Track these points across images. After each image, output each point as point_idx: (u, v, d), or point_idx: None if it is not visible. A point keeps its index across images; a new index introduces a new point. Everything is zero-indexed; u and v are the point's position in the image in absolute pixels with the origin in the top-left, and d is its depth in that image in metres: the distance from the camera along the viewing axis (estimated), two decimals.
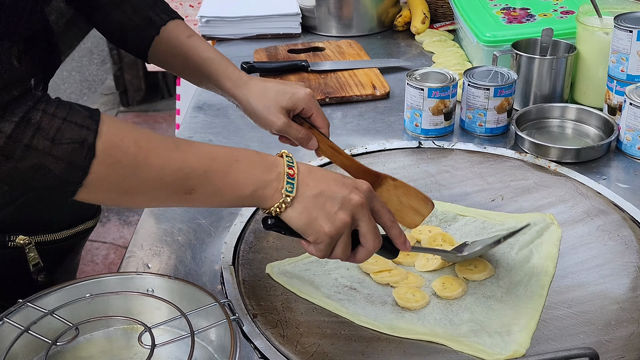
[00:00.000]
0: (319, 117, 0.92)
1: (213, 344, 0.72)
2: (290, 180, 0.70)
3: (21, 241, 0.85)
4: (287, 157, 0.73)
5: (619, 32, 1.13)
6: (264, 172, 0.70)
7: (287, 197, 0.70)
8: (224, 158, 0.69)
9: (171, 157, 0.66)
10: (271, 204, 0.70)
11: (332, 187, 0.72)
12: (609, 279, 0.86)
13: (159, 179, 0.66)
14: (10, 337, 0.66)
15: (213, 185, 0.68)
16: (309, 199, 0.71)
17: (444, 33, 1.64)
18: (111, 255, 2.61)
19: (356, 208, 0.71)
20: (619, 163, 1.10)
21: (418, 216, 0.86)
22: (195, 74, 0.95)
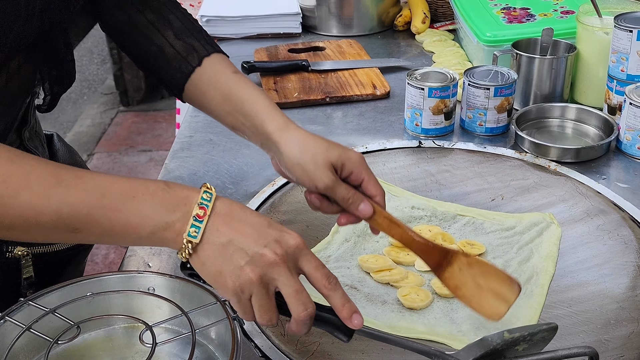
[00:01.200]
0: (372, 184, 0.77)
1: (214, 342, 0.72)
2: (196, 223, 0.61)
3: (19, 252, 0.82)
4: (206, 192, 0.63)
5: (619, 32, 1.13)
6: (165, 212, 0.61)
7: (189, 244, 0.61)
8: (117, 194, 0.61)
9: (49, 194, 0.60)
10: (175, 247, 0.63)
11: (246, 237, 0.62)
12: (609, 278, 0.86)
13: (32, 218, 0.60)
14: (11, 336, 0.66)
15: (100, 226, 0.61)
16: (216, 248, 0.62)
17: (444, 33, 1.64)
18: (111, 254, 2.62)
19: (267, 266, 0.61)
20: (618, 163, 1.11)
21: (502, 303, 0.71)
22: (234, 112, 0.83)
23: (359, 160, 0.78)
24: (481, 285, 0.72)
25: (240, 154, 1.17)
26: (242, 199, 1.03)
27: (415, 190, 1.05)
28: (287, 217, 0.99)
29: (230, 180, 1.09)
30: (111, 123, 3.56)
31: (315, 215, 1.00)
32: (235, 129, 0.86)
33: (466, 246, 0.92)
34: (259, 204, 1.01)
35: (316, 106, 1.33)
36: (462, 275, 0.72)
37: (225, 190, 1.06)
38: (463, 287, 0.73)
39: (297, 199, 1.03)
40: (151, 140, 3.36)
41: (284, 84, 1.39)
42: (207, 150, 1.19)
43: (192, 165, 1.14)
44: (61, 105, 3.74)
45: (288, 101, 1.32)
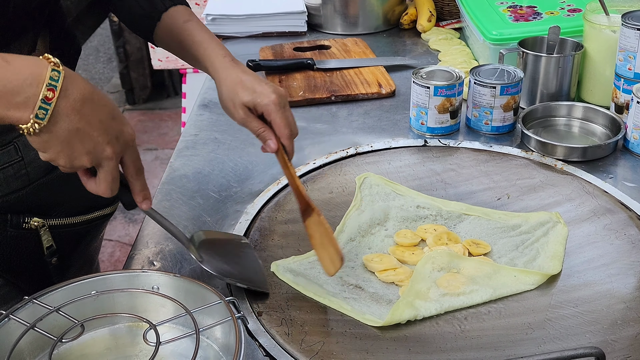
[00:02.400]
0: (278, 125, 0.88)
1: (218, 341, 0.72)
2: (44, 106, 0.61)
3: (35, 223, 0.85)
4: (53, 71, 0.61)
5: (626, 30, 1.13)
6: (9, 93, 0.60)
7: (36, 124, 0.61)
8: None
9: None
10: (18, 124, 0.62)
11: (92, 129, 0.64)
12: (616, 278, 0.86)
13: None
14: (16, 334, 0.66)
15: None
16: (61, 132, 0.63)
17: (450, 31, 1.64)
18: (117, 252, 2.62)
19: (103, 159, 0.67)
20: (625, 162, 1.10)
21: (332, 266, 0.84)
22: (190, 58, 0.97)
23: (269, 103, 0.88)
24: (324, 244, 0.85)
25: (245, 153, 1.16)
26: (247, 198, 1.03)
27: (421, 189, 1.05)
28: (291, 215, 0.99)
29: (235, 179, 1.09)
30: None
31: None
32: (199, 69, 0.99)
33: (472, 245, 0.92)
34: (264, 203, 1.01)
35: (321, 105, 1.33)
36: (313, 229, 0.86)
37: (230, 189, 1.06)
38: (312, 237, 0.86)
39: None
40: (157, 139, 3.37)
41: (289, 83, 1.39)
42: (212, 148, 1.19)
43: (197, 163, 1.14)
44: None
45: (293, 100, 1.32)
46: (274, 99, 0.87)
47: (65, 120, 0.63)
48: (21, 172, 0.84)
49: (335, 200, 1.03)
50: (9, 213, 0.84)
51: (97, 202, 0.97)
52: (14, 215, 0.84)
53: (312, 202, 0.87)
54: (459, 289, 0.85)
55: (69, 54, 0.91)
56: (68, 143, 0.64)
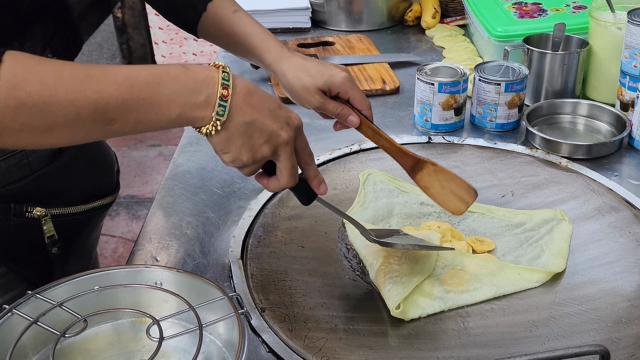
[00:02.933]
0: (357, 100, 0.91)
1: (221, 337, 0.71)
2: (222, 103, 0.68)
3: (38, 212, 0.86)
4: (223, 73, 0.69)
5: (632, 27, 1.12)
6: (191, 94, 0.67)
7: (217, 121, 0.68)
8: (144, 82, 0.65)
9: (83, 89, 0.62)
10: (201, 124, 0.68)
11: (265, 118, 0.70)
12: (620, 276, 0.85)
13: (73, 114, 0.62)
14: (19, 329, 0.66)
15: (135, 114, 0.65)
16: (240, 126, 0.69)
17: (454, 28, 1.63)
18: (120, 248, 2.62)
19: (281, 145, 0.72)
20: (631, 159, 1.09)
21: (462, 203, 0.85)
22: (240, 49, 0.96)
23: (343, 81, 0.89)
24: (445, 188, 0.86)
25: None
26: (250, 194, 1.03)
27: None
28: (295, 212, 0.98)
29: (239, 175, 1.09)
30: None
31: (324, 210, 0.99)
32: (247, 59, 0.99)
33: (475, 243, 0.91)
34: (267, 199, 1.01)
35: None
36: (430, 179, 0.87)
37: (234, 185, 1.06)
38: (432, 187, 0.87)
39: None
40: (160, 135, 3.36)
41: None
42: None
43: (201, 159, 1.14)
44: None
45: None
46: (346, 77, 0.90)
47: (240, 114, 0.69)
48: (23, 162, 0.84)
49: (339, 196, 1.03)
50: (12, 202, 0.84)
51: (98, 191, 0.97)
52: (17, 205, 0.85)
53: (418, 156, 0.88)
54: (463, 286, 0.84)
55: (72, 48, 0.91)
56: (247, 135, 0.70)
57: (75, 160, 0.91)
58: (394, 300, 0.80)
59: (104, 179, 1.00)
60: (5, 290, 0.87)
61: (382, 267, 0.86)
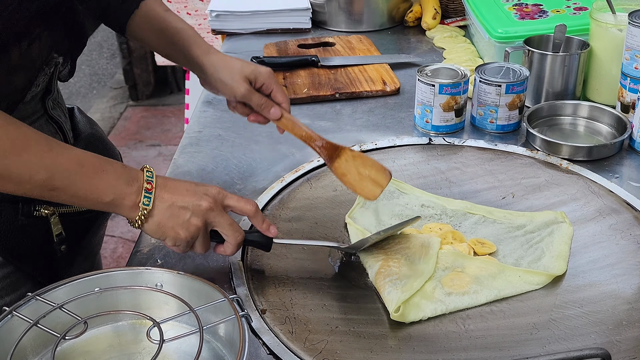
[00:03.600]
0: (279, 93, 0.97)
1: (222, 339, 0.71)
2: (147, 195, 0.77)
3: (46, 211, 0.88)
4: (148, 172, 0.78)
5: (633, 28, 1.12)
6: (125, 184, 0.76)
7: (145, 210, 0.77)
8: (92, 166, 0.75)
9: (43, 157, 0.72)
10: (131, 215, 0.77)
11: (183, 197, 0.79)
12: (621, 278, 0.85)
13: (26, 175, 0.71)
14: (19, 331, 0.66)
15: (75, 188, 0.74)
16: (164, 211, 0.78)
17: (455, 29, 1.63)
18: (119, 249, 2.62)
19: (206, 212, 0.79)
20: (631, 161, 1.09)
21: (377, 187, 0.88)
22: (168, 45, 1.00)
23: (268, 75, 0.96)
24: (362, 174, 0.88)
25: (249, 150, 1.16)
26: (250, 195, 1.03)
27: (425, 188, 1.04)
28: (295, 213, 0.98)
29: (239, 176, 1.09)
30: (120, 117, 3.56)
31: (324, 212, 0.99)
32: (170, 58, 1.04)
33: (477, 244, 0.91)
34: (268, 200, 1.01)
35: (325, 102, 1.33)
36: (347, 166, 0.89)
37: (234, 186, 1.06)
38: (348, 174, 0.89)
39: (305, 195, 1.02)
40: (160, 135, 3.36)
41: (293, 80, 1.39)
42: (215, 145, 1.18)
43: (201, 160, 1.14)
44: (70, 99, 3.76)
45: (297, 97, 1.32)
46: (270, 71, 0.97)
47: (161, 202, 0.78)
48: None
49: (340, 198, 1.03)
50: (20, 202, 0.85)
51: None
52: (25, 204, 0.86)
53: (336, 144, 0.91)
54: (464, 288, 0.84)
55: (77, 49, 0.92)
56: (173, 216, 0.78)
57: None
58: (393, 304, 0.80)
59: None
60: (13, 289, 0.88)
61: (382, 270, 0.86)
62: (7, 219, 0.85)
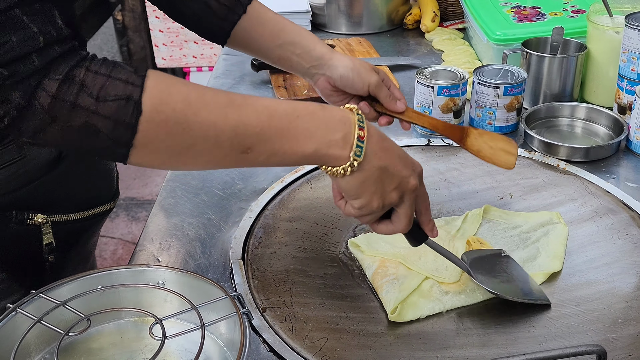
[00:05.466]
0: (396, 90, 0.96)
1: (223, 336, 0.72)
2: (359, 144, 0.67)
3: (39, 220, 0.86)
4: (358, 115, 0.68)
5: (630, 31, 1.13)
6: (328, 131, 0.66)
7: (355, 162, 0.67)
8: (284, 114, 0.65)
9: (225, 113, 0.63)
10: (335, 164, 0.68)
11: (397, 164, 0.70)
12: (618, 277, 0.86)
13: (212, 137, 0.63)
14: (23, 328, 0.66)
15: (271, 144, 0.65)
16: (374, 170, 0.68)
17: (453, 31, 1.64)
18: (119, 250, 2.63)
19: (408, 191, 0.72)
20: (628, 162, 1.10)
21: (510, 156, 0.91)
22: (284, 44, 0.95)
23: (384, 74, 0.95)
24: (493, 147, 0.91)
25: None
26: (251, 196, 1.04)
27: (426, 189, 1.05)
28: (295, 213, 0.99)
29: (240, 177, 1.09)
30: None
31: (323, 212, 1.00)
32: (282, 60, 0.96)
33: (475, 242, 0.92)
34: (268, 200, 1.02)
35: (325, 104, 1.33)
36: (478, 142, 0.92)
37: (234, 186, 1.07)
38: (482, 150, 0.92)
39: (305, 195, 1.03)
40: None
41: (293, 82, 1.40)
42: None
43: None
44: None
45: (297, 98, 1.33)
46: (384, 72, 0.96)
47: (375, 158, 0.68)
48: (20, 171, 0.84)
49: None
50: (13, 209, 0.84)
51: (98, 197, 0.97)
52: (18, 212, 0.85)
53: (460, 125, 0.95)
54: (461, 287, 0.85)
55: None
56: (380, 180, 0.69)
57: (75, 167, 0.91)
58: (391, 304, 0.81)
59: (104, 185, 1.00)
60: (5, 296, 0.87)
61: (379, 271, 0.87)
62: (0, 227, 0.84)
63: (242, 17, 0.94)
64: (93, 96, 0.59)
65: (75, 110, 0.59)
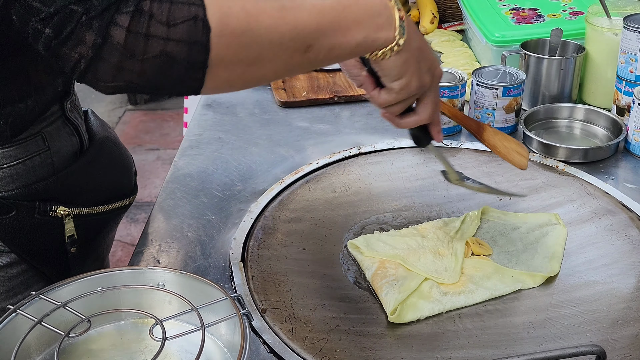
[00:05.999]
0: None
1: (223, 338, 0.72)
2: (402, 24, 0.71)
3: (61, 212, 0.87)
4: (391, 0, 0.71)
5: (628, 32, 1.13)
6: (373, 16, 0.70)
7: (401, 40, 0.71)
8: (330, 8, 0.68)
9: (282, 16, 0.65)
10: (383, 47, 0.71)
11: (426, 48, 0.76)
12: (616, 278, 0.86)
13: (277, 40, 0.65)
14: (23, 329, 0.66)
15: (327, 39, 0.68)
16: (415, 50, 0.73)
17: (452, 33, 1.64)
18: (118, 252, 2.63)
19: (436, 77, 0.77)
20: (627, 163, 1.11)
21: (523, 158, 0.96)
22: None
23: None
24: (507, 147, 0.97)
25: (249, 152, 1.17)
26: (250, 197, 1.04)
27: (423, 189, 1.06)
28: (295, 214, 0.99)
29: (239, 178, 1.10)
30: (119, 122, 3.57)
31: (323, 213, 1.00)
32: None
33: (475, 244, 0.92)
34: (268, 202, 1.02)
35: (324, 105, 1.34)
36: (493, 139, 0.98)
37: (234, 188, 1.07)
38: (497, 146, 0.97)
39: (305, 197, 1.03)
40: (159, 139, 3.37)
41: (292, 83, 1.40)
42: (215, 148, 1.19)
43: (201, 163, 1.15)
44: None
45: (296, 100, 1.33)
46: None
47: (414, 38, 0.73)
48: (47, 161, 0.86)
49: (338, 199, 1.04)
50: (37, 200, 0.86)
51: (117, 192, 0.98)
52: (42, 203, 0.86)
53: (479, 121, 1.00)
54: (460, 287, 0.85)
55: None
56: (418, 60, 0.74)
57: (97, 160, 0.93)
58: (391, 305, 0.81)
59: (123, 180, 1.01)
60: (25, 287, 0.89)
61: (378, 272, 0.87)
62: (24, 218, 0.85)
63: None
64: (163, 23, 0.59)
65: (150, 40, 0.59)
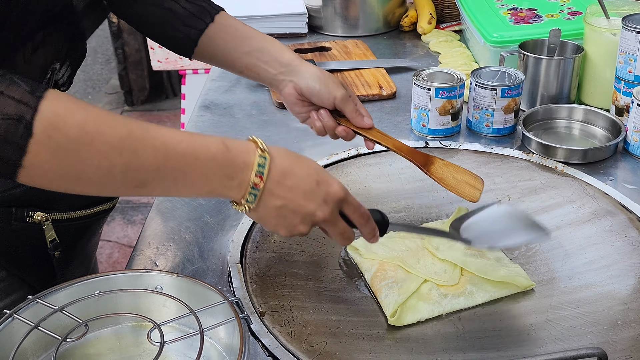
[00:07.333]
0: (362, 107, 0.94)
1: (221, 341, 0.72)
2: (253, 191, 0.68)
3: (39, 217, 0.86)
4: (260, 158, 0.68)
5: (626, 33, 1.13)
6: (224, 178, 0.67)
7: (247, 207, 0.70)
8: (181, 156, 0.64)
9: (120, 147, 0.61)
10: (235, 198, 0.70)
11: (299, 200, 0.70)
12: (616, 279, 0.86)
13: (105, 168, 0.61)
14: (20, 334, 0.66)
15: (166, 183, 0.65)
16: (271, 210, 0.70)
17: (450, 33, 1.64)
18: (115, 254, 2.62)
19: (319, 223, 0.73)
20: (626, 164, 1.10)
21: (476, 190, 0.92)
22: (251, 51, 0.94)
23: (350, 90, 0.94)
24: (458, 179, 0.93)
25: None
26: None
27: (422, 191, 1.05)
28: None
29: None
30: None
31: None
32: (248, 68, 0.95)
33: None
34: None
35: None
36: (442, 171, 0.93)
37: None
38: (446, 179, 0.93)
39: None
40: None
41: None
42: None
43: None
44: None
45: None
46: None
47: (272, 199, 0.70)
48: None
49: None
50: (13, 207, 0.85)
51: (98, 197, 0.97)
52: (18, 209, 0.85)
53: (425, 153, 0.95)
54: (459, 289, 0.85)
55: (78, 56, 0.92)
56: (280, 217, 0.71)
57: None
58: (390, 307, 0.81)
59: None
60: (5, 295, 0.88)
61: (378, 274, 0.87)
62: (0, 224, 0.84)
63: (209, 26, 0.93)
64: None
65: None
